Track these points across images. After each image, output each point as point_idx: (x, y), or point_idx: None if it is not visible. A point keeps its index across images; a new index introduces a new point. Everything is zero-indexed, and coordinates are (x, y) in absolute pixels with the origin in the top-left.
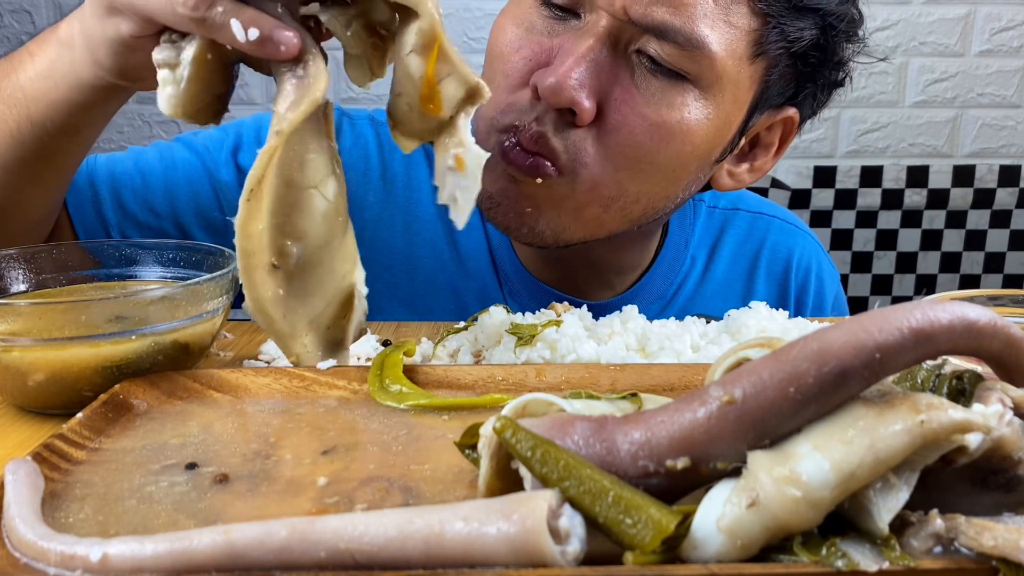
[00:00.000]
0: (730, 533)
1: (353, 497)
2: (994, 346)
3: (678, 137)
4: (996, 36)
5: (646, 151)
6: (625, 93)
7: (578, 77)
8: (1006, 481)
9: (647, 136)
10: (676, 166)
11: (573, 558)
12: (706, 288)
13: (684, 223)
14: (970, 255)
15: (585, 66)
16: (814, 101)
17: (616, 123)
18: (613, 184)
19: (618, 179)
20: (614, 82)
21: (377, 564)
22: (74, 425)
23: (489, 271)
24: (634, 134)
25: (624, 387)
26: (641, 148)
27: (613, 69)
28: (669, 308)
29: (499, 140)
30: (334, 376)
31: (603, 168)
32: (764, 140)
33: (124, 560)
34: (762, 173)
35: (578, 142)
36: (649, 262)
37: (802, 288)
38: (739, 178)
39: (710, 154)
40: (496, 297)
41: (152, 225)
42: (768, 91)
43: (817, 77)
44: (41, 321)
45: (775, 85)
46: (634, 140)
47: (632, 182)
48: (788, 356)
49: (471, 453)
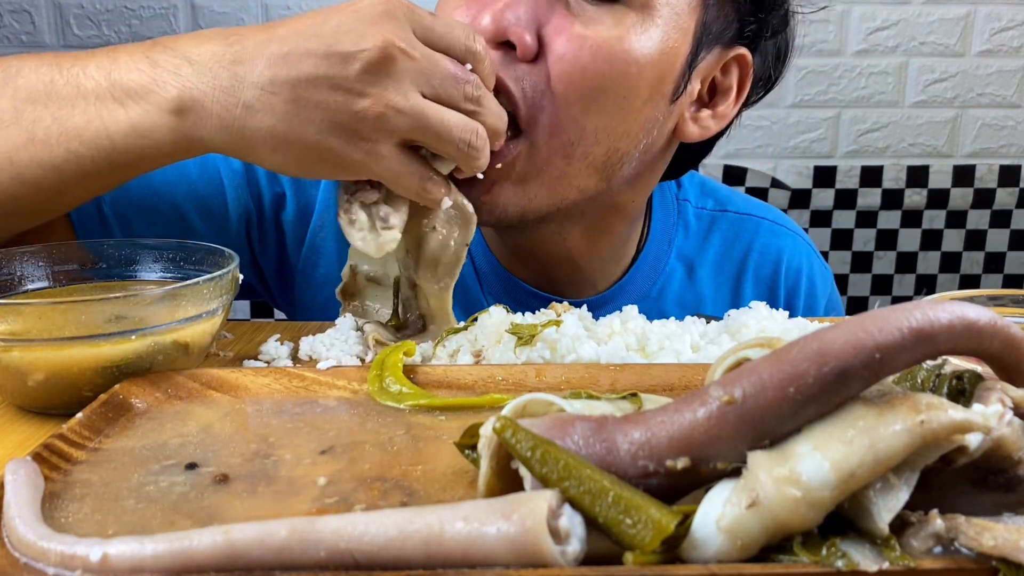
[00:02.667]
0: (730, 533)
1: (353, 497)
2: (994, 346)
3: (620, 57)
4: (996, 36)
5: (591, 75)
6: (562, 21)
7: (513, 12)
8: (1006, 481)
9: (590, 58)
10: (626, 92)
11: (573, 558)
12: (692, 290)
13: (668, 222)
14: (970, 255)
15: (517, 1)
16: (763, 41)
17: (559, 53)
18: (570, 123)
19: (572, 115)
20: (550, 13)
21: (377, 564)
22: (74, 425)
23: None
24: (578, 59)
25: (624, 387)
26: (586, 72)
27: (547, 3)
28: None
29: None
30: (334, 376)
31: (557, 106)
32: (722, 85)
33: (124, 560)
34: (726, 120)
35: (527, 75)
36: (630, 261)
37: (792, 292)
38: (704, 124)
39: (660, 83)
40: (476, 296)
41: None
42: (708, 19)
43: (758, 11)
44: (41, 321)
45: (715, 16)
46: (579, 65)
47: (586, 116)
48: (788, 356)
49: (471, 453)
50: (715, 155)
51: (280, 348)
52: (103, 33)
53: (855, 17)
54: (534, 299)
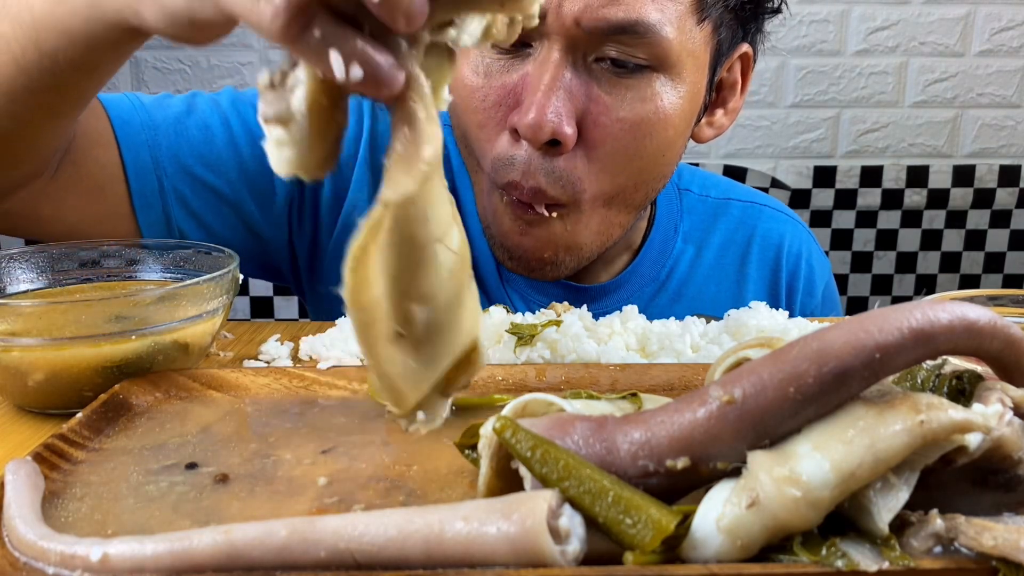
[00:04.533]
0: (730, 533)
1: (353, 497)
2: (994, 346)
3: (659, 126)
4: (996, 36)
5: (633, 150)
6: (598, 106)
7: (553, 109)
8: (1006, 481)
9: (631, 137)
10: (664, 149)
11: (573, 558)
12: (698, 272)
13: (671, 209)
14: (970, 255)
15: (556, 95)
16: (760, 34)
17: (598, 137)
18: (614, 189)
19: (616, 183)
20: (586, 99)
21: (377, 564)
22: (74, 425)
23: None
24: (618, 140)
25: (624, 387)
26: (628, 150)
27: (581, 87)
28: (663, 292)
29: (503, 197)
30: (334, 376)
31: (599, 181)
32: (728, 81)
33: (124, 560)
34: (736, 113)
35: (570, 172)
36: (639, 245)
37: (793, 273)
38: (718, 124)
39: (690, 125)
40: (494, 284)
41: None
42: (720, 46)
43: (758, 15)
44: (41, 321)
45: (725, 39)
46: (620, 146)
47: (629, 179)
48: (788, 356)
49: (471, 453)
50: (715, 155)
51: (280, 348)
52: None
53: (855, 17)
54: (552, 285)
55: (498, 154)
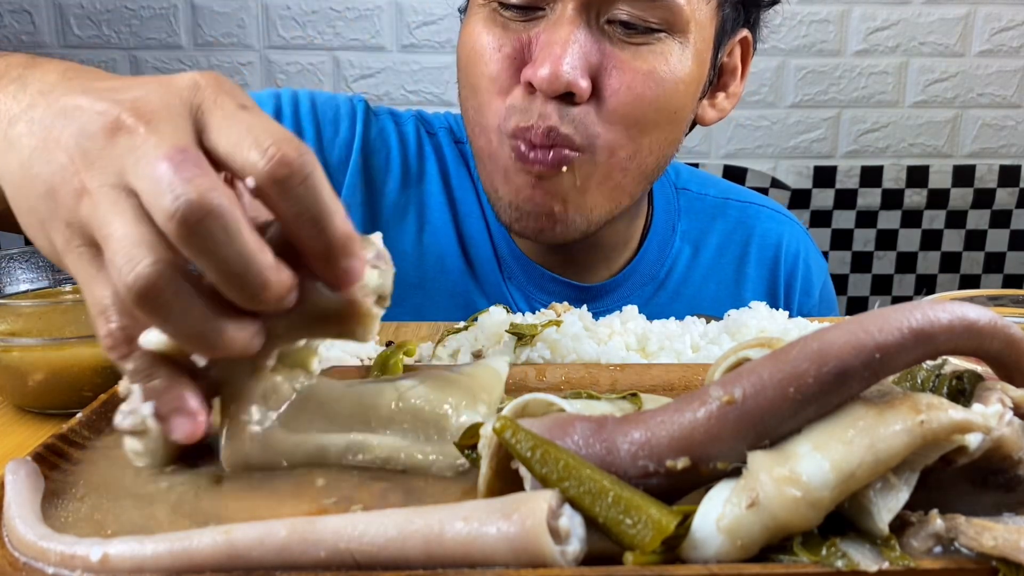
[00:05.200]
0: (730, 533)
1: (353, 497)
2: (994, 346)
3: (669, 83)
4: (996, 36)
5: (647, 101)
6: (612, 59)
7: (569, 62)
8: (1006, 481)
9: (645, 87)
10: (677, 108)
11: (573, 558)
12: (697, 272)
13: (669, 208)
14: (970, 255)
15: (571, 49)
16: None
17: (613, 87)
18: (628, 142)
19: (630, 136)
20: (599, 54)
21: (377, 564)
22: (74, 425)
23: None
24: (633, 89)
25: (624, 387)
26: (642, 100)
27: (594, 45)
28: (662, 290)
29: (513, 146)
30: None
31: (615, 131)
32: (729, 65)
33: (124, 560)
34: (738, 97)
35: (584, 117)
36: (638, 244)
37: (791, 273)
38: (720, 107)
39: (697, 93)
40: (495, 282)
41: None
42: (724, 24)
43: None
44: (41, 321)
45: (728, 17)
46: (634, 94)
47: (643, 135)
48: (788, 356)
49: (471, 453)
50: (715, 155)
51: None
52: (103, 33)
53: (855, 17)
54: (553, 283)
55: (511, 104)
